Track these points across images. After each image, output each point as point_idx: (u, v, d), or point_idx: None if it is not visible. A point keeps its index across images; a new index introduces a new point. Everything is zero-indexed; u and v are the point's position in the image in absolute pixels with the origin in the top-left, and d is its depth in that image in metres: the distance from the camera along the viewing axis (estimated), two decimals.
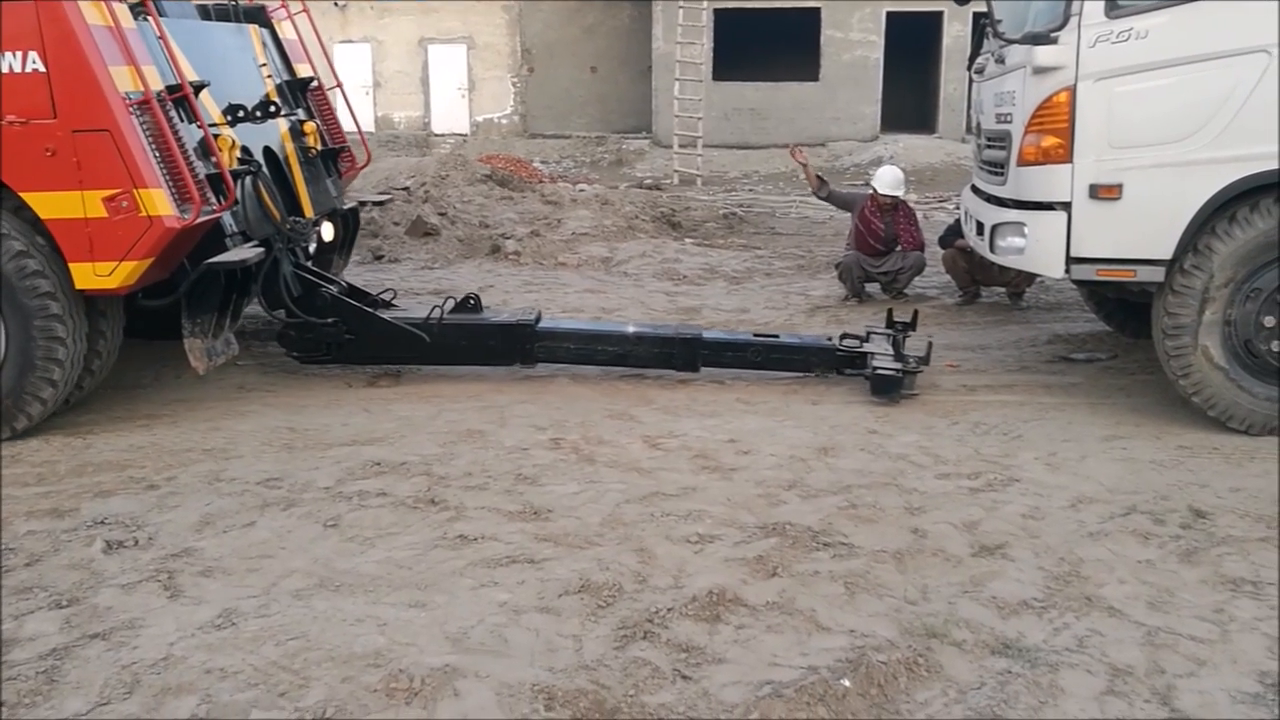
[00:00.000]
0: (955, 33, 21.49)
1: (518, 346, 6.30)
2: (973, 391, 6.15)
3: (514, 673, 3.18)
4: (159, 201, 5.09)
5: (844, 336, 6.50)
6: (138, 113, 5.13)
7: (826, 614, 3.52)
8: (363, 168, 8.01)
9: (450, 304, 6.40)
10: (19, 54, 5.00)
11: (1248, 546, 4.04)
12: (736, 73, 22.36)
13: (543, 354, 6.31)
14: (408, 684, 3.12)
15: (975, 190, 6.45)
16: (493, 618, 3.51)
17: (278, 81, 7.01)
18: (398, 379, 6.39)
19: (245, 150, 6.16)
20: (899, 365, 6.03)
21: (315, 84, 7.46)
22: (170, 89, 5.40)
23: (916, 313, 6.74)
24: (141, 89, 5.17)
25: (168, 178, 5.16)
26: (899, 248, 8.54)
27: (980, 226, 5.95)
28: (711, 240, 11.88)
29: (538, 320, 6.38)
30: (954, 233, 8.34)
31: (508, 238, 10.93)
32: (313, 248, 6.73)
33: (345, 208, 7.46)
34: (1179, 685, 3.13)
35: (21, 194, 5.13)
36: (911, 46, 22.70)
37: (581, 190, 14.10)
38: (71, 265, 5.18)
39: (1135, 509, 4.39)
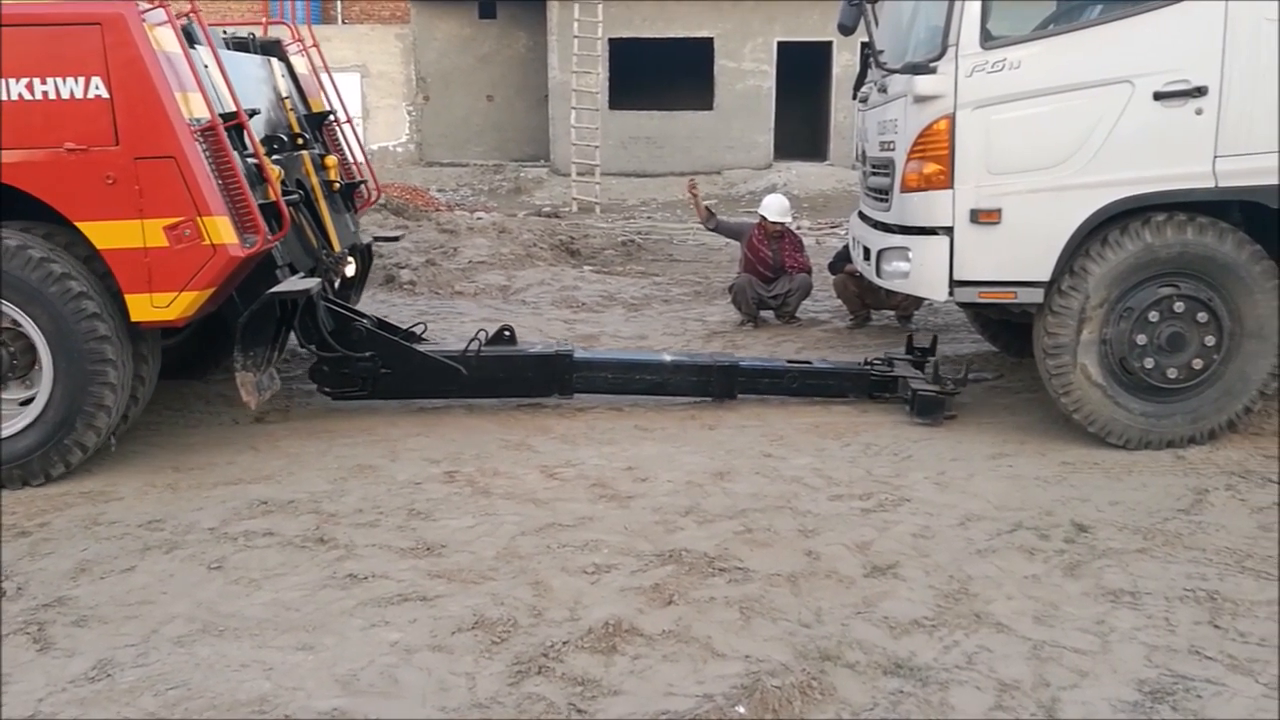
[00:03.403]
0: (844, 62, 21.99)
1: (556, 377, 6.22)
2: (864, 413, 6.25)
3: (405, 714, 3.11)
4: (223, 230, 4.93)
5: (874, 361, 6.60)
6: (201, 139, 4.96)
7: (722, 640, 3.52)
8: (372, 203, 7.85)
9: (484, 336, 6.29)
10: (81, 79, 4.80)
11: (1126, 558, 4.17)
12: (633, 101, 22.54)
13: (580, 384, 6.25)
14: None
15: (862, 216, 6.60)
16: (383, 658, 3.42)
17: (298, 115, 6.85)
18: (286, 414, 6.22)
19: (295, 181, 6.02)
20: (937, 387, 6.12)
21: (332, 118, 7.30)
22: (224, 116, 5.22)
23: (935, 338, 6.88)
24: (206, 115, 5.01)
25: (231, 206, 5.00)
26: (787, 272, 8.68)
27: (867, 252, 6.08)
28: (610, 268, 11.91)
29: (575, 351, 6.34)
30: (844, 258, 8.51)
31: (402, 267, 10.77)
32: (338, 282, 6.59)
33: (363, 243, 7.32)
34: (1063, 697, 3.21)
35: (78, 224, 4.90)
36: (802, 76, 23.19)
37: (479, 218, 14.01)
38: (128, 297, 4.97)
39: (1021, 525, 4.51)
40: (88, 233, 4.91)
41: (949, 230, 5.30)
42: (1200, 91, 4.98)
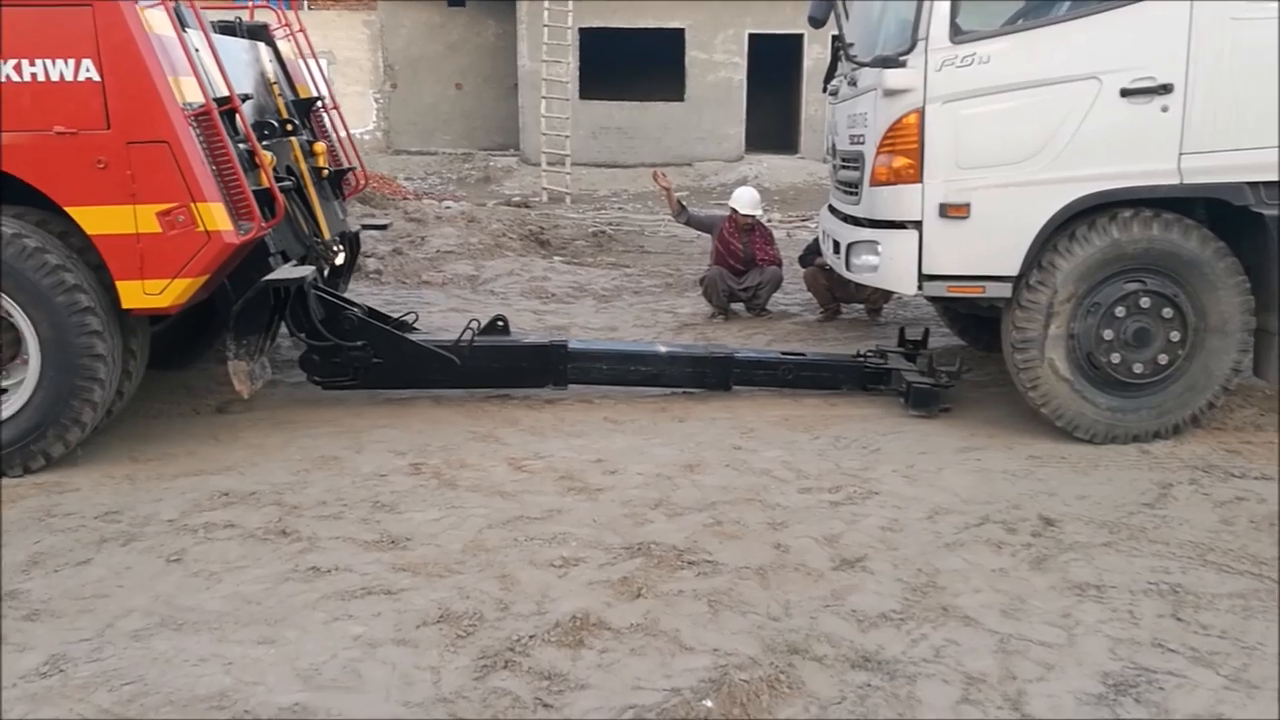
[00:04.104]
0: (815, 55, 22.03)
1: (550, 368, 6.16)
2: (834, 406, 6.25)
3: (368, 709, 3.06)
4: (218, 216, 4.84)
5: (868, 354, 6.61)
6: (196, 124, 4.85)
7: (690, 634, 3.50)
8: (359, 190, 7.73)
9: (477, 326, 6.21)
10: (71, 61, 4.68)
11: (1092, 552, 4.19)
12: (603, 91, 22.46)
13: (575, 375, 6.19)
14: None
15: (832, 210, 6.59)
16: (346, 652, 3.37)
17: (286, 100, 6.73)
18: (249, 404, 6.12)
19: (284, 168, 5.91)
20: (932, 380, 6.12)
21: (319, 104, 7.18)
22: (218, 101, 5.11)
23: (927, 331, 6.90)
24: (200, 99, 4.91)
25: (225, 192, 4.90)
26: (757, 265, 8.67)
27: (837, 245, 6.07)
28: (580, 258, 11.85)
29: (569, 342, 6.28)
30: (814, 251, 8.51)
31: (369, 256, 10.66)
32: (327, 270, 6.49)
33: (351, 231, 7.20)
34: (1029, 690, 3.21)
35: (67, 209, 4.79)
36: (774, 68, 23.20)
37: (447, 207, 13.91)
38: (119, 283, 4.86)
39: (989, 519, 4.52)
40: (78, 218, 4.81)
41: (918, 224, 5.29)
42: (1166, 89, 5.00)
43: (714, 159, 22.26)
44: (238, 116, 5.31)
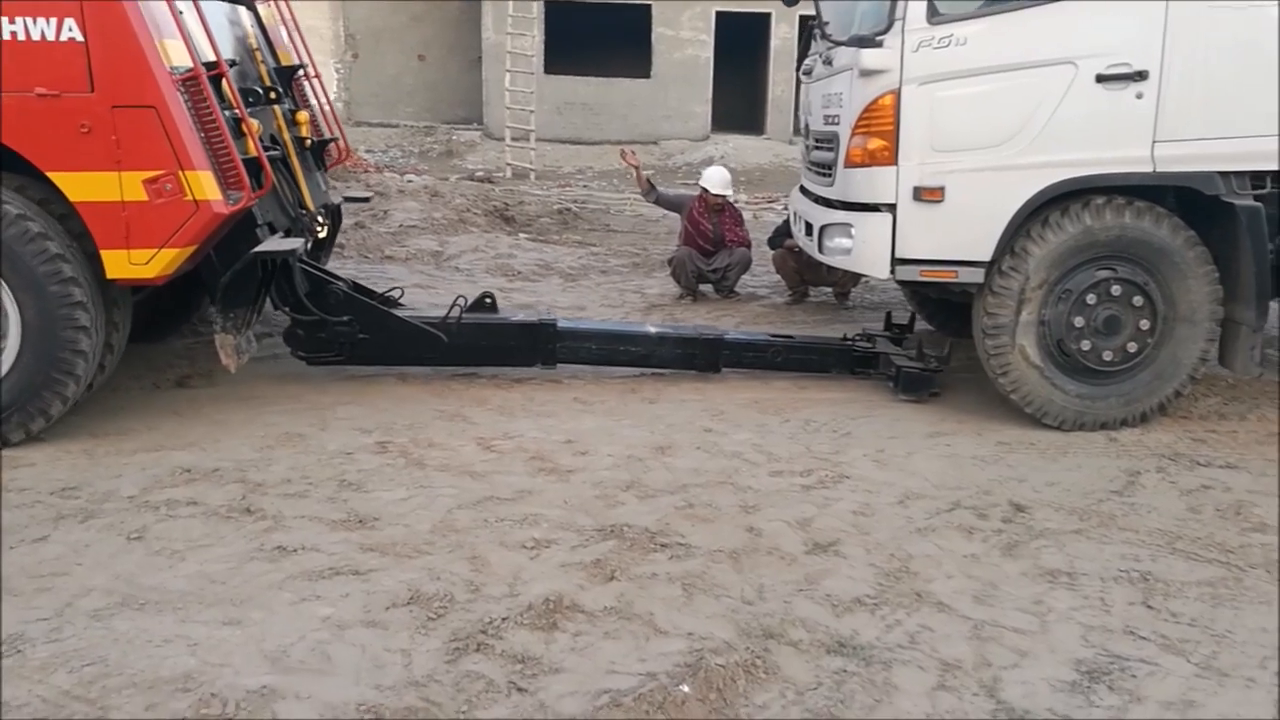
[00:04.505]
0: (783, 34, 21.98)
1: (539, 347, 6.08)
2: (804, 389, 6.24)
3: (338, 692, 2.99)
4: (206, 185, 4.69)
5: (855, 337, 6.60)
6: (183, 89, 4.67)
7: (665, 617, 3.46)
8: (341, 161, 7.54)
9: (465, 303, 6.09)
10: (53, 20, 4.50)
11: (1063, 539, 4.21)
12: (569, 66, 22.23)
13: (564, 354, 6.11)
14: (221, 709, 2.89)
15: (804, 191, 6.56)
16: (315, 634, 3.29)
17: (269, 68, 6.51)
18: (211, 379, 6.00)
19: (269, 137, 5.75)
20: (921, 365, 6.10)
21: (301, 72, 6.97)
22: (205, 66, 4.93)
23: (914, 315, 6.90)
24: (188, 64, 4.73)
25: (214, 160, 4.74)
26: (726, 245, 8.63)
27: (809, 227, 6.04)
28: (546, 236, 11.75)
29: (559, 320, 6.19)
30: (783, 233, 8.48)
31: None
32: (309, 243, 6.30)
33: (334, 203, 7.02)
34: (1004, 677, 3.21)
35: (49, 174, 4.61)
36: (741, 47, 23.10)
37: (409, 181, 13.70)
38: (103, 252, 4.70)
39: (960, 504, 4.53)
40: (60, 184, 4.66)
41: (892, 207, 5.27)
42: (1141, 75, 5.01)
43: (680, 138, 22.15)
44: (225, 82, 5.15)
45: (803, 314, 8.28)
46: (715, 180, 8.59)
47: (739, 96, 24.13)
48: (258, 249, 5.21)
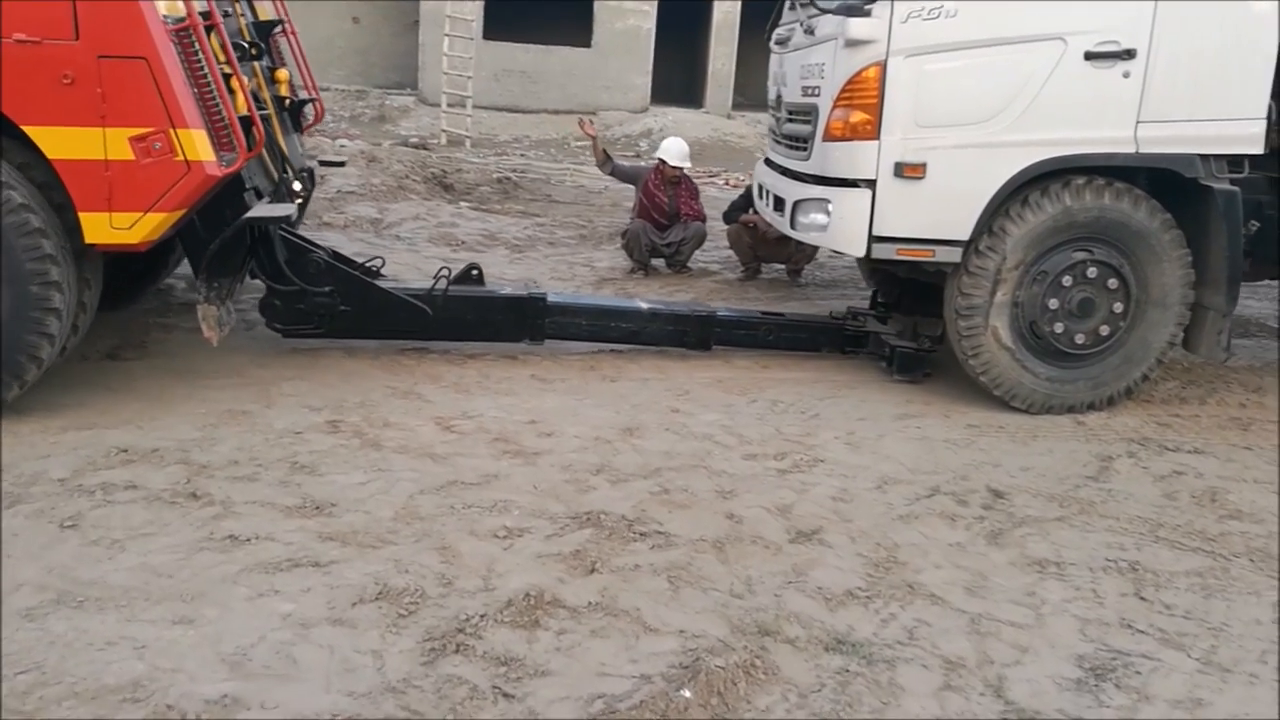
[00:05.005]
0: (725, 9, 21.73)
1: (527, 322, 5.82)
2: (766, 368, 6.08)
3: (308, 700, 2.74)
4: (199, 145, 4.32)
5: (842, 315, 6.48)
6: (176, 40, 4.26)
7: (652, 613, 3.27)
8: (315, 124, 7.10)
9: (450, 274, 5.78)
10: None
11: (1046, 526, 4.12)
12: (508, 33, 21.68)
13: (553, 330, 5.87)
14: None
15: (770, 164, 6.36)
16: (276, 634, 3.03)
17: (248, 22, 6.04)
18: (144, 351, 5.61)
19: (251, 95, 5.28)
20: (915, 344, 5.96)
21: (280, 28, 6.48)
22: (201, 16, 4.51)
23: (901, 295, 6.71)
24: (181, 13, 4.32)
25: (207, 118, 4.35)
26: (681, 220, 8.42)
27: (780, 202, 5.84)
28: (488, 205, 11.40)
29: (548, 295, 5.92)
30: (738, 208, 8.30)
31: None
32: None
33: (309, 167, 6.58)
34: (1008, 675, 3.09)
35: (24, 127, 4.18)
36: (682, 20, 22.79)
37: (343, 145, 13.22)
38: (82, 215, 4.29)
39: (938, 490, 4.41)
40: (36, 139, 4.25)
41: (871, 183, 5.10)
42: (1129, 54, 4.91)
43: (619, 109, 21.79)
44: (218, 34, 4.77)
45: (755, 290, 8.11)
46: (673, 152, 8.36)
47: (678, 69, 23.84)
48: (249, 215, 4.87)
